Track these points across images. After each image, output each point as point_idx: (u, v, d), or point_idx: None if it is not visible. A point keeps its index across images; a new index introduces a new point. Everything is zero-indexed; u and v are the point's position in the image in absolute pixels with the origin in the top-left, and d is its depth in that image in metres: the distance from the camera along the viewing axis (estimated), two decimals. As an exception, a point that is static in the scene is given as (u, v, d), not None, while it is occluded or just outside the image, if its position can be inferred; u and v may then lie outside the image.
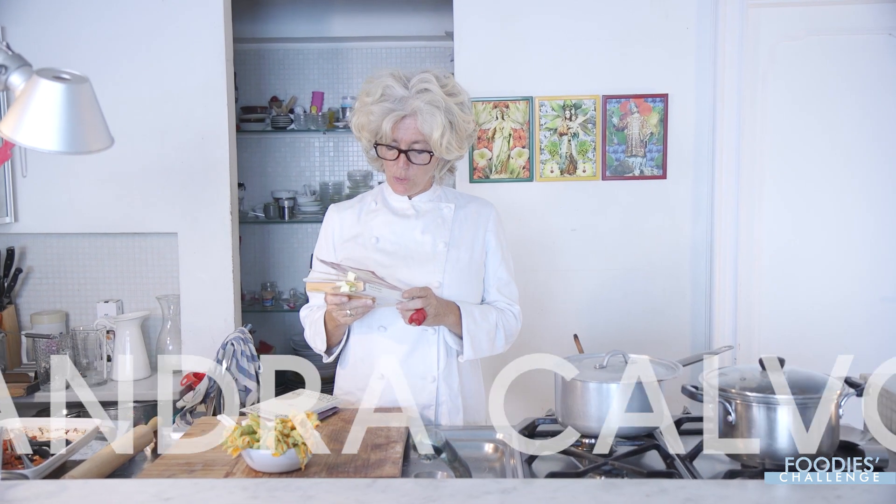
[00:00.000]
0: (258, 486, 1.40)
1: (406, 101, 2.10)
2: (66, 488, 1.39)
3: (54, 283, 3.67)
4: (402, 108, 2.10)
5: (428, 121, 2.09)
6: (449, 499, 1.33)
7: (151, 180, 3.49)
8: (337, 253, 2.32)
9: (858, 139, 3.44)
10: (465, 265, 2.26)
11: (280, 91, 4.90)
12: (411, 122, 2.11)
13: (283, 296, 4.92)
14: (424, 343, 2.24)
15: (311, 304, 2.40)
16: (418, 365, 2.24)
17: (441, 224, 2.27)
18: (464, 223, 2.30)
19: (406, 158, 2.14)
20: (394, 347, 2.24)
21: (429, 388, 2.25)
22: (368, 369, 2.27)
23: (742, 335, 3.49)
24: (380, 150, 2.17)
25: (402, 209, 2.28)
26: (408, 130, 2.12)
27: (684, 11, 3.45)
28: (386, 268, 2.20)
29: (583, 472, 1.68)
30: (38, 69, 1.31)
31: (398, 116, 2.10)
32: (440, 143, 2.11)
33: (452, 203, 2.31)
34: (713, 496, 1.32)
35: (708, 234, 3.50)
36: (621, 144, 3.47)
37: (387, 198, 2.31)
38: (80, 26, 3.42)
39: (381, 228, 2.26)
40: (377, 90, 2.12)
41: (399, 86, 2.11)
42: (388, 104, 2.10)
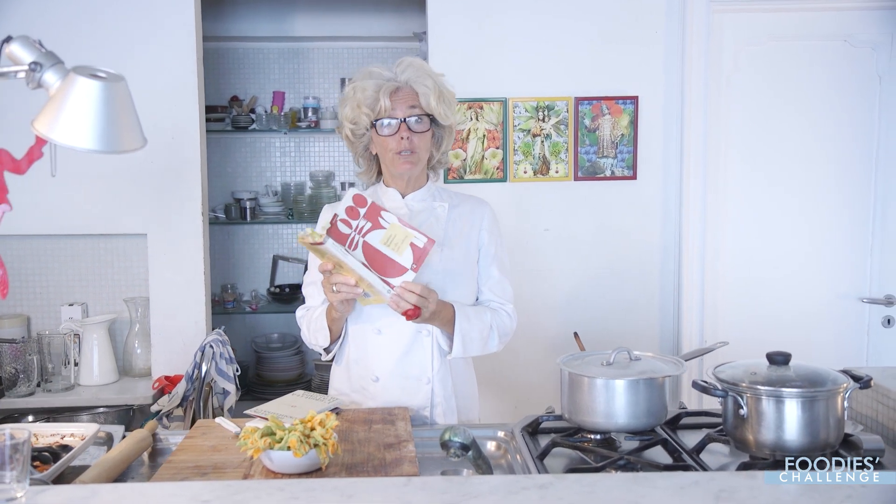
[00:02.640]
0: (294, 486, 1.39)
1: (395, 77, 2.19)
2: (96, 493, 1.36)
3: (15, 286, 3.56)
4: (393, 80, 2.17)
5: (422, 86, 2.17)
6: (489, 495, 1.35)
7: (120, 180, 3.41)
8: None
9: (816, 142, 3.56)
10: (460, 265, 2.28)
11: (240, 90, 4.84)
12: (405, 92, 2.18)
13: (245, 297, 4.85)
14: (419, 345, 2.25)
15: (308, 305, 2.39)
16: (413, 367, 2.25)
17: (435, 223, 2.28)
18: (458, 222, 2.31)
19: (406, 127, 2.17)
20: (389, 350, 2.25)
21: (423, 390, 2.26)
22: (363, 371, 2.28)
23: (709, 334, 3.58)
24: (379, 127, 2.18)
25: (395, 208, 2.27)
26: (403, 98, 2.17)
27: (653, 15, 3.52)
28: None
29: (600, 467, 1.71)
30: (74, 67, 1.29)
31: (392, 87, 2.16)
32: (438, 108, 2.18)
33: (446, 202, 2.33)
34: (745, 487, 1.36)
35: (676, 235, 3.58)
36: (593, 146, 3.53)
37: (381, 197, 2.32)
38: (50, 24, 3.33)
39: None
40: (365, 74, 2.20)
41: (385, 69, 2.21)
42: (380, 80, 2.18)
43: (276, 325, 4.92)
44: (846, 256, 3.59)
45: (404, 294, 2.01)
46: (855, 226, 3.58)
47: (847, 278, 3.60)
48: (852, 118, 3.54)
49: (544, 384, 3.58)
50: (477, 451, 1.58)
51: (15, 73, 1.28)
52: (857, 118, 3.54)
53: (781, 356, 1.73)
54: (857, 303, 3.58)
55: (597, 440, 1.92)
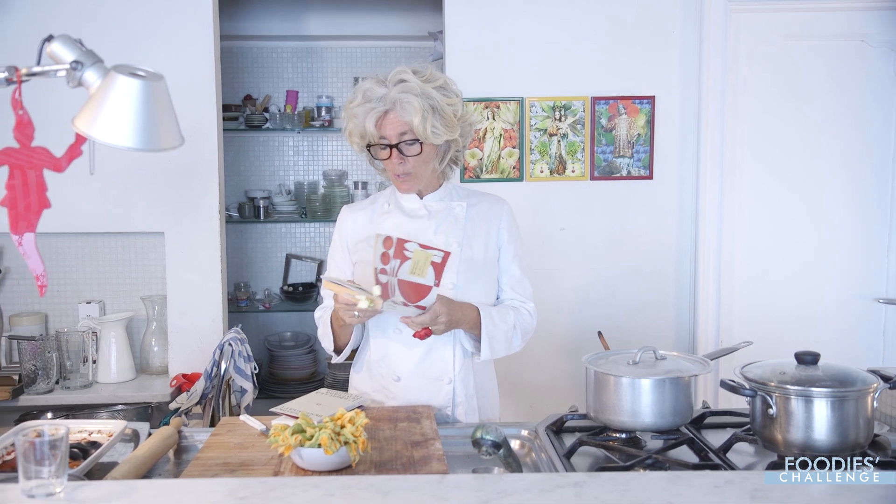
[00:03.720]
0: (330, 483, 1.40)
1: (385, 97, 2.12)
2: (134, 489, 1.37)
3: (33, 283, 3.57)
4: (381, 105, 2.12)
5: (406, 109, 2.10)
6: (523, 493, 1.35)
7: (137, 179, 3.42)
8: (350, 254, 2.33)
9: (833, 142, 3.57)
10: (479, 264, 2.27)
11: (254, 89, 4.85)
12: (393, 116, 2.12)
13: (258, 296, 4.86)
14: (440, 345, 2.24)
15: (326, 305, 2.38)
16: (434, 366, 2.25)
17: (454, 223, 2.27)
18: (476, 221, 2.31)
19: (398, 153, 2.15)
20: (410, 350, 2.24)
21: (445, 390, 2.26)
22: (385, 371, 2.28)
23: (724, 334, 3.59)
24: (374, 151, 2.18)
25: (413, 210, 2.28)
26: (392, 124, 2.13)
27: (670, 15, 3.53)
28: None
29: (629, 466, 1.72)
30: (114, 65, 1.29)
31: (379, 113, 2.12)
32: (424, 128, 2.11)
33: (464, 201, 2.32)
34: (778, 488, 1.36)
35: (692, 234, 3.59)
36: (609, 145, 3.53)
37: (399, 199, 2.31)
38: (68, 23, 3.33)
39: (393, 230, 2.25)
40: (358, 95, 2.16)
41: (378, 86, 2.13)
42: (369, 104, 2.13)
43: (289, 323, 4.94)
44: (862, 257, 3.59)
45: (410, 325, 2.07)
46: (870, 226, 3.58)
47: (862, 279, 3.60)
48: (869, 118, 3.54)
49: (561, 383, 3.59)
50: (507, 449, 1.58)
51: (55, 71, 1.28)
52: (873, 118, 3.54)
53: (810, 356, 1.73)
54: (872, 303, 3.58)
55: (622, 439, 1.92)
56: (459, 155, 2.33)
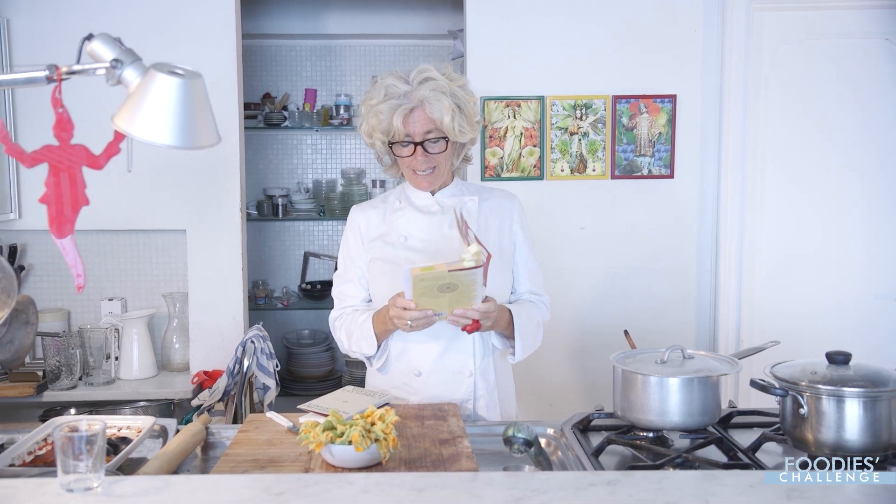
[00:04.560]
0: (364, 480, 1.40)
1: (410, 94, 2.12)
2: (170, 484, 1.38)
3: (56, 280, 3.60)
4: (408, 102, 2.12)
5: (436, 107, 2.11)
6: (557, 490, 1.36)
7: (159, 177, 3.43)
8: (366, 252, 2.31)
9: (856, 141, 3.55)
10: (496, 258, 2.27)
11: (273, 88, 4.86)
12: (420, 113, 2.12)
13: (276, 294, 4.88)
14: (459, 339, 2.23)
15: (344, 307, 2.35)
16: (455, 360, 2.25)
17: (467, 218, 2.26)
18: (489, 216, 2.31)
19: (423, 150, 2.15)
20: (431, 344, 2.24)
21: (466, 384, 2.26)
22: (405, 366, 2.27)
23: (745, 333, 3.58)
24: (395, 149, 2.18)
25: (426, 206, 2.28)
26: (418, 122, 2.13)
27: (692, 14, 3.52)
28: (417, 265, 2.20)
29: (659, 464, 1.72)
30: (153, 64, 1.30)
31: (406, 110, 2.11)
32: (452, 126, 2.13)
33: (476, 196, 2.32)
34: (816, 487, 1.36)
35: (713, 233, 3.58)
36: (630, 144, 3.53)
37: (409, 196, 2.31)
38: (88, 20, 3.36)
39: (408, 227, 2.26)
40: (380, 91, 2.14)
41: (401, 83, 2.13)
42: (394, 101, 2.12)
43: (307, 321, 4.95)
44: (885, 257, 3.58)
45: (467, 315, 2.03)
46: (893, 225, 3.56)
47: (885, 279, 3.58)
48: (892, 116, 3.52)
49: (581, 381, 3.59)
50: (538, 447, 1.59)
51: (94, 69, 1.29)
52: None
53: (842, 356, 1.72)
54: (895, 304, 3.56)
55: (650, 438, 1.92)
56: (468, 153, 2.34)
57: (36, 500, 1.32)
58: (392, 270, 2.22)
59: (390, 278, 2.21)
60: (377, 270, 2.28)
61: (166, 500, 1.32)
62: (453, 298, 1.99)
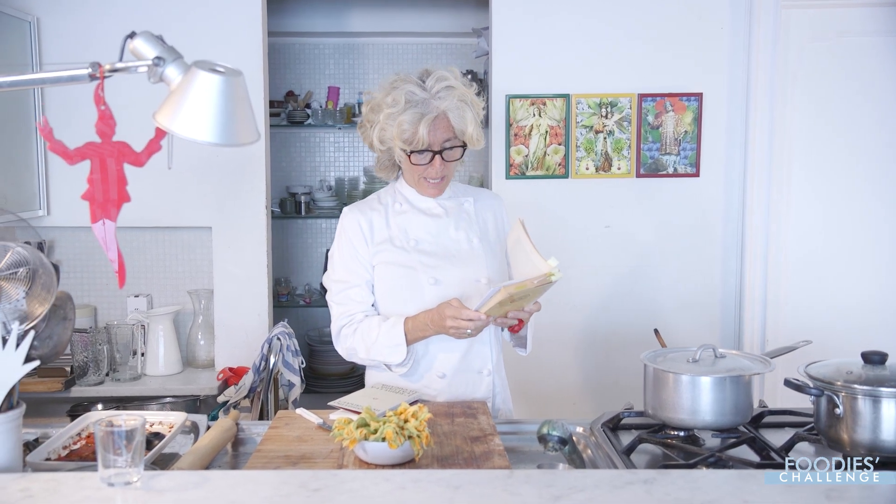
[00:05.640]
0: (400, 476, 1.41)
1: (429, 102, 2.09)
2: (207, 479, 1.39)
3: (82, 276, 3.63)
4: (430, 111, 2.08)
5: (461, 117, 2.09)
6: (594, 489, 1.36)
7: (186, 175, 3.45)
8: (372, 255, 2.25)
9: (884, 139, 3.51)
10: (497, 253, 2.28)
11: (296, 85, 4.88)
12: (442, 122, 2.10)
13: (298, 291, 4.90)
14: (479, 339, 2.23)
15: (352, 313, 2.26)
16: (475, 360, 2.26)
17: (468, 220, 2.28)
18: (484, 215, 2.32)
19: (441, 159, 2.13)
20: (453, 347, 2.22)
21: (486, 382, 2.27)
22: (427, 370, 2.26)
23: (770, 332, 3.56)
24: (413, 157, 2.13)
25: (429, 208, 2.26)
26: (439, 130, 2.10)
27: (718, 12, 3.50)
28: (432, 269, 2.20)
29: (692, 464, 1.71)
30: (195, 61, 1.31)
31: (431, 119, 2.08)
32: (473, 136, 2.13)
33: (470, 196, 2.33)
34: (854, 487, 1.36)
35: (739, 233, 3.56)
36: (656, 142, 3.52)
37: (408, 197, 2.27)
38: (116, 19, 3.39)
39: (417, 230, 2.24)
40: (399, 98, 2.09)
41: (419, 89, 2.10)
42: (416, 109, 2.08)
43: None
44: (912, 256, 3.55)
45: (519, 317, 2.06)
46: (923, 226, 3.53)
47: (913, 279, 3.55)
48: (921, 115, 3.49)
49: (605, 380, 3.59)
50: (573, 445, 1.59)
51: (137, 67, 1.31)
52: (926, 115, 3.49)
53: (878, 355, 1.71)
54: (923, 304, 3.54)
55: (681, 437, 1.91)
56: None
57: (78, 493, 1.33)
58: (407, 275, 2.20)
59: (407, 283, 2.20)
60: (387, 274, 2.23)
61: (205, 494, 1.33)
62: (515, 304, 2.01)
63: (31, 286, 1.58)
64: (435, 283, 2.18)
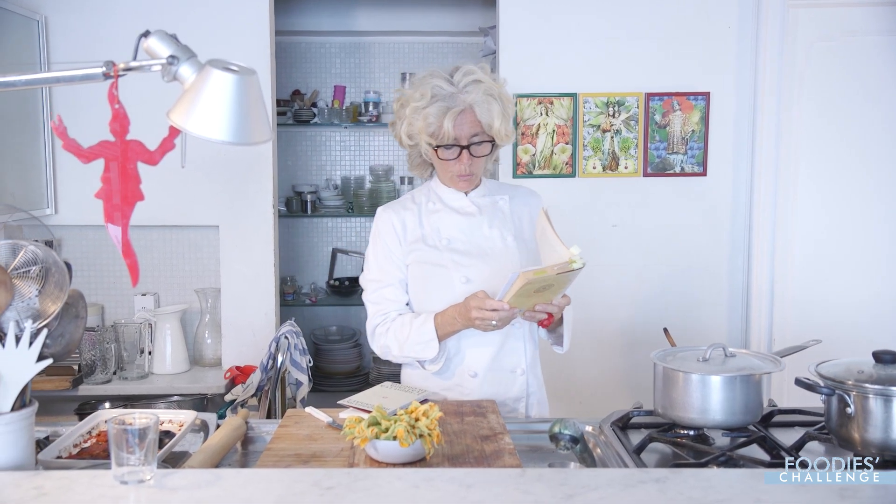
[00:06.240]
0: (413, 475, 1.41)
1: (456, 96, 2.09)
2: (220, 477, 1.40)
3: (90, 275, 3.63)
4: (456, 104, 2.09)
5: (487, 111, 2.09)
6: (606, 487, 1.36)
7: (193, 173, 3.44)
8: (406, 254, 2.27)
9: (892, 139, 3.51)
10: (532, 252, 2.27)
11: (302, 84, 4.88)
12: (468, 116, 2.10)
13: (304, 290, 4.90)
14: (512, 337, 2.23)
15: (386, 312, 2.26)
16: (508, 359, 2.24)
17: (503, 218, 2.27)
18: (520, 213, 2.31)
19: (468, 153, 2.14)
20: (485, 344, 2.22)
21: (519, 381, 2.25)
22: (459, 369, 2.24)
23: (777, 332, 3.55)
24: (440, 152, 2.15)
25: (462, 207, 2.26)
26: (465, 125, 2.10)
27: (726, 11, 3.50)
28: (464, 267, 2.20)
29: (703, 463, 1.71)
30: (209, 60, 1.32)
31: (456, 113, 2.08)
32: (500, 130, 2.13)
33: (505, 195, 2.32)
34: (867, 487, 1.35)
35: (746, 232, 3.56)
36: (663, 142, 3.52)
37: (441, 196, 2.28)
38: (123, 18, 3.39)
39: (449, 229, 2.24)
40: (426, 92, 2.10)
41: (445, 83, 2.11)
42: (442, 103, 2.09)
43: (334, 317, 4.97)
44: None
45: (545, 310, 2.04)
46: (931, 226, 3.53)
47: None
48: (929, 115, 3.49)
49: (613, 379, 3.59)
50: (584, 444, 1.59)
51: (151, 66, 1.31)
52: (933, 115, 3.48)
53: (889, 355, 1.71)
54: (932, 304, 3.53)
55: (691, 436, 1.91)
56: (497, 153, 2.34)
57: (92, 491, 1.33)
58: (439, 273, 2.20)
59: (439, 281, 2.20)
60: (420, 273, 2.24)
61: (218, 492, 1.34)
62: (542, 297, 1.99)
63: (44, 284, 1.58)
64: (466, 282, 2.17)
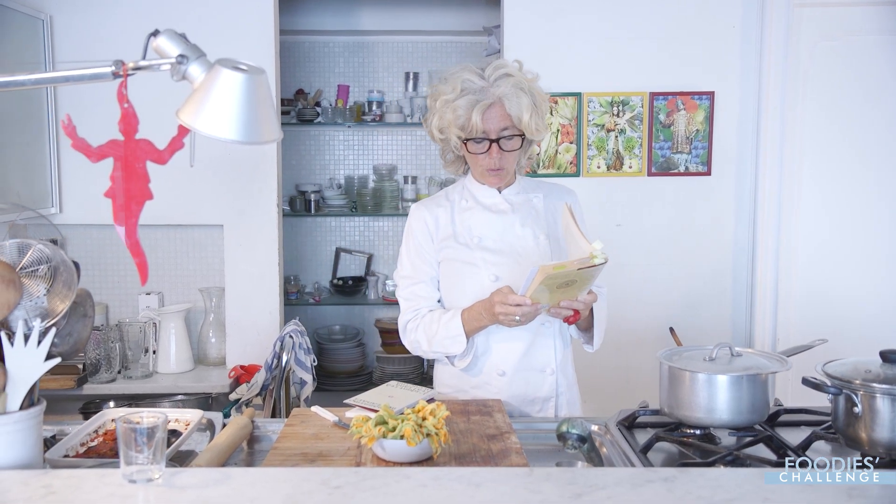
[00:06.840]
0: (421, 474, 1.41)
1: (486, 90, 2.09)
2: (229, 476, 1.40)
3: (94, 274, 3.64)
4: (485, 97, 2.09)
5: (515, 103, 2.08)
6: (615, 486, 1.36)
7: (198, 172, 3.44)
8: (437, 251, 2.27)
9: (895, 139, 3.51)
10: (566, 252, 2.27)
11: (306, 84, 4.88)
12: (498, 109, 2.10)
13: (307, 289, 4.90)
14: (542, 335, 2.22)
15: (418, 308, 2.26)
16: (538, 358, 2.23)
17: (536, 216, 2.26)
18: (554, 211, 2.29)
19: (498, 147, 2.13)
20: (513, 343, 2.21)
21: (549, 381, 2.24)
22: (487, 367, 2.23)
23: (781, 332, 3.55)
24: (469, 145, 2.15)
25: (494, 205, 2.26)
26: (495, 118, 2.10)
27: (730, 10, 3.50)
28: (494, 265, 2.19)
29: (710, 462, 1.71)
30: (218, 59, 1.32)
31: (485, 105, 2.08)
32: (530, 124, 2.11)
33: (540, 193, 2.31)
34: (876, 486, 1.35)
35: (750, 231, 3.56)
36: (667, 141, 3.52)
37: (475, 194, 2.28)
38: (128, 17, 3.40)
39: (481, 227, 2.24)
40: (457, 86, 2.10)
41: (476, 77, 2.11)
42: (472, 96, 2.09)
43: (338, 317, 4.97)
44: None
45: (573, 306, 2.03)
46: (935, 225, 3.52)
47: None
48: (934, 115, 3.49)
49: (618, 379, 3.58)
50: (591, 443, 1.59)
51: (160, 65, 1.31)
52: (938, 115, 3.48)
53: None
54: (937, 304, 3.53)
55: (697, 435, 1.91)
56: (533, 151, 2.33)
57: (100, 490, 1.33)
58: (469, 271, 2.20)
59: (469, 279, 2.19)
60: (450, 271, 2.24)
61: (227, 491, 1.34)
62: (567, 293, 1.98)
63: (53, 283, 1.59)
64: (496, 280, 2.17)
